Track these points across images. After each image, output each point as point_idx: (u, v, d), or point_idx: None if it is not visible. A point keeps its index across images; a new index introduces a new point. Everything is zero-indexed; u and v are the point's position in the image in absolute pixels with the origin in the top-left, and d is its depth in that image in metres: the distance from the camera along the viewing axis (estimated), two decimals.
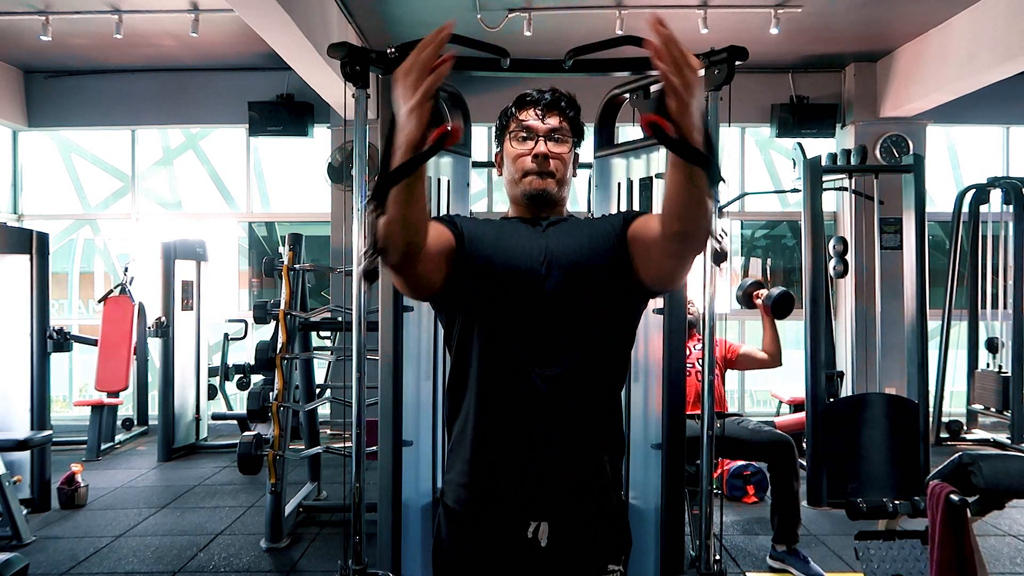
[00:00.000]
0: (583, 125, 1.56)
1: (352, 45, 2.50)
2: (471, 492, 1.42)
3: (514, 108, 1.52)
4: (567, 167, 1.51)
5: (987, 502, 2.13)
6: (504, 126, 1.54)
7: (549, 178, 1.47)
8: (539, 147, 1.47)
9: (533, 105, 1.49)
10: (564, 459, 1.38)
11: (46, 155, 7.32)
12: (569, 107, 1.51)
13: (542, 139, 1.47)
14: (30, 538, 3.84)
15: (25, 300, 4.43)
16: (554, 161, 1.47)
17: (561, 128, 1.49)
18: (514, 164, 1.50)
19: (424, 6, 5.21)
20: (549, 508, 1.38)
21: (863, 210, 5.93)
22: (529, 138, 1.48)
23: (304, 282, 4.59)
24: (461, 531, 1.43)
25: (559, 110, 1.49)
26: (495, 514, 1.40)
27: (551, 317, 1.38)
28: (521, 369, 1.37)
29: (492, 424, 1.39)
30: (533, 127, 1.48)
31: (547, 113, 1.48)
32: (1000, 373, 5.76)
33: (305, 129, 6.55)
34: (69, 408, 7.23)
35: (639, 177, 2.84)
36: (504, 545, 1.39)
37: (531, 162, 1.47)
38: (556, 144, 1.48)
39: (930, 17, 5.44)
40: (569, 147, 1.50)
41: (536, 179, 1.47)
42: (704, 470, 2.68)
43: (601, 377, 1.42)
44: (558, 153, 1.48)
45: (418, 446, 2.74)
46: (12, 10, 5.29)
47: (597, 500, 1.42)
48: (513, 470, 1.38)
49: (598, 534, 1.42)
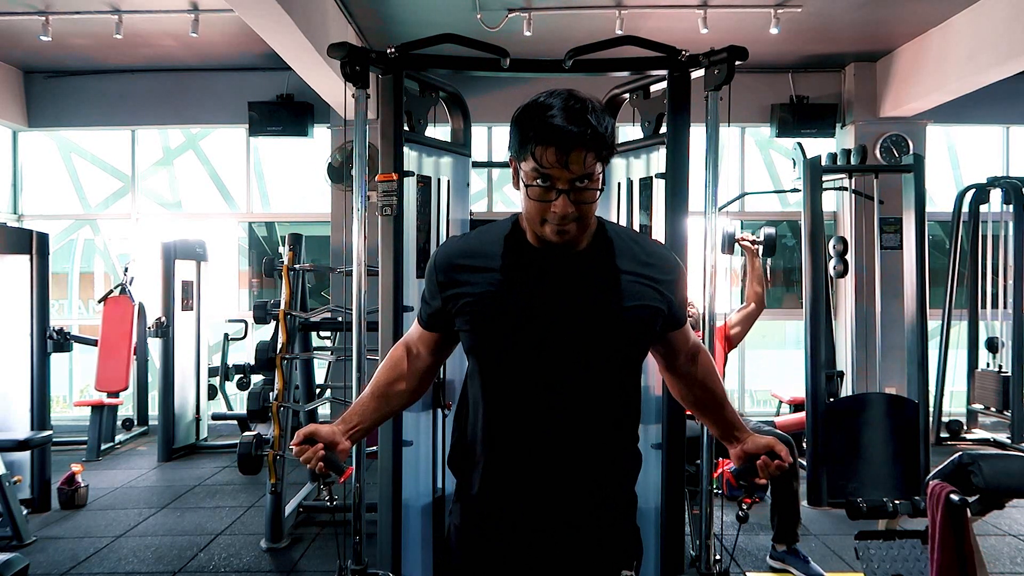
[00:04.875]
0: (615, 142, 1.33)
1: (352, 45, 2.51)
2: (481, 508, 1.42)
3: (534, 136, 1.22)
4: (594, 208, 1.29)
5: (987, 502, 2.13)
6: (520, 145, 1.26)
7: (572, 226, 1.28)
8: (560, 205, 1.24)
9: (556, 146, 1.21)
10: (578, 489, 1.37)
11: (46, 155, 7.32)
12: (601, 146, 1.23)
13: (565, 195, 1.23)
14: (30, 538, 3.83)
15: (25, 300, 4.43)
16: (579, 213, 1.26)
17: (589, 172, 1.23)
18: (530, 206, 1.28)
19: (424, 6, 5.21)
20: (562, 520, 1.38)
21: (863, 210, 5.93)
22: (549, 188, 1.24)
23: (304, 282, 4.59)
24: (472, 542, 1.43)
25: (590, 151, 1.22)
26: (507, 526, 1.40)
27: (562, 364, 1.33)
28: (532, 410, 1.35)
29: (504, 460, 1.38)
30: (554, 176, 1.23)
31: (573, 154, 1.21)
32: (1000, 373, 5.75)
33: (305, 129, 6.55)
34: (69, 408, 7.23)
35: (639, 177, 2.85)
36: (516, 555, 1.39)
37: (551, 217, 1.26)
38: (582, 192, 1.25)
39: (930, 17, 5.44)
40: (598, 188, 1.27)
41: (557, 231, 1.27)
42: (704, 470, 2.68)
43: (614, 412, 1.40)
44: (584, 201, 1.26)
45: (418, 446, 2.74)
46: (12, 10, 5.29)
47: (611, 514, 1.42)
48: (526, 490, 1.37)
49: (611, 544, 1.42)
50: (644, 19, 5.28)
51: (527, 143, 1.24)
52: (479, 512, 1.42)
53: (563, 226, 1.26)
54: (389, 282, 2.61)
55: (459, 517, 1.46)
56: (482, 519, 1.42)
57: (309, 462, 1.37)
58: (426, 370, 1.53)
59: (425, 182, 2.81)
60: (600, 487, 1.39)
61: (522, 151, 1.26)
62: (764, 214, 7.28)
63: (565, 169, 1.22)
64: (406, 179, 2.65)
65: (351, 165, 2.61)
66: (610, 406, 1.38)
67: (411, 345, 1.52)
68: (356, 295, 2.60)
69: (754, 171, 7.34)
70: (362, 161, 2.58)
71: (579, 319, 1.32)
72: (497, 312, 1.33)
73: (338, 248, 6.48)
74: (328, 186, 6.45)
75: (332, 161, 6.28)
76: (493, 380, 1.38)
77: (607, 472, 1.40)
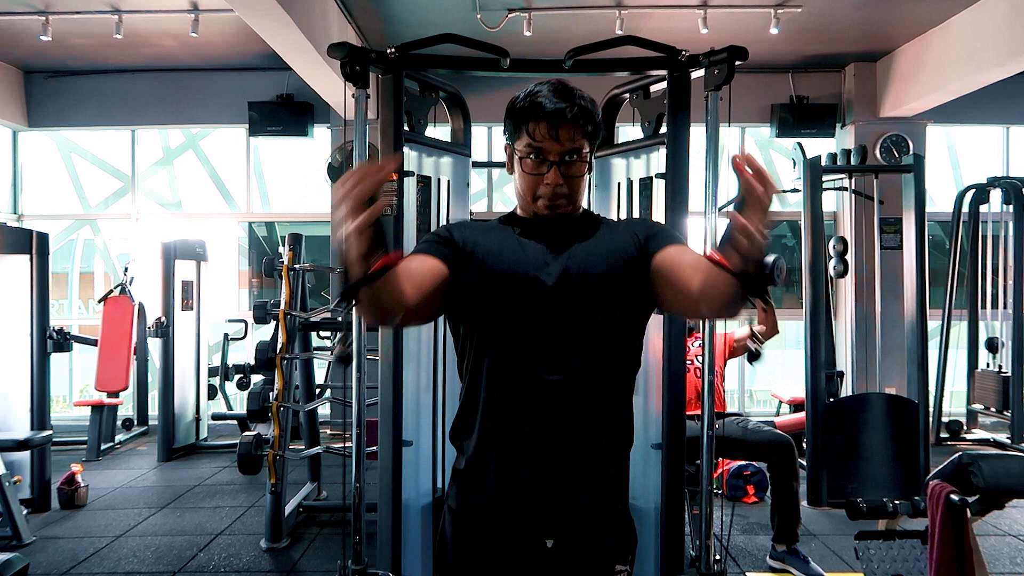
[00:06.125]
0: (601, 124, 1.44)
1: (352, 45, 2.51)
2: (476, 494, 1.41)
3: (527, 115, 1.37)
4: (582, 183, 1.42)
5: (987, 502, 2.12)
6: (514, 128, 1.40)
7: (562, 200, 1.39)
8: (552, 177, 1.37)
9: (547, 120, 1.35)
10: (573, 464, 1.38)
11: (46, 155, 7.32)
12: (587, 121, 1.37)
13: (556, 167, 1.36)
14: (30, 538, 3.83)
15: (25, 300, 4.43)
16: (568, 187, 1.38)
17: (577, 147, 1.37)
18: (523, 181, 1.40)
19: (424, 6, 5.21)
20: (557, 510, 1.38)
21: (863, 210, 5.93)
22: (541, 162, 1.37)
23: (304, 282, 4.59)
24: (467, 533, 1.43)
25: (575, 124, 1.36)
26: (501, 517, 1.40)
27: (558, 325, 1.36)
28: (528, 375, 1.36)
29: (499, 428, 1.38)
30: (545, 149, 1.36)
31: (562, 129, 1.35)
32: (1000, 373, 5.76)
33: (305, 129, 6.55)
34: (69, 408, 7.23)
35: (639, 177, 2.84)
36: (511, 547, 1.39)
37: (543, 190, 1.38)
38: (571, 166, 1.38)
39: (930, 17, 5.44)
40: (586, 164, 1.40)
41: (549, 204, 1.39)
42: (704, 470, 2.68)
43: (610, 382, 1.41)
44: (573, 175, 1.38)
45: (418, 446, 2.74)
46: (12, 10, 5.29)
47: (605, 501, 1.42)
48: (521, 474, 1.37)
49: (605, 534, 1.42)
50: (644, 19, 5.28)
51: (521, 122, 1.37)
52: (472, 480, 1.41)
53: (554, 200, 1.38)
54: None
55: (454, 499, 1.46)
56: (473, 490, 1.41)
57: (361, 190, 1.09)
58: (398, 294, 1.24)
59: (425, 182, 2.81)
60: (594, 455, 1.39)
61: (516, 131, 1.39)
62: None
63: (556, 142, 1.35)
64: (406, 179, 2.65)
65: (351, 165, 2.61)
66: (604, 368, 1.39)
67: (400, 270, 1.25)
68: None
69: None
70: (362, 161, 2.58)
71: (571, 277, 1.37)
72: (494, 272, 1.38)
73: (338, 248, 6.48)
74: (328, 186, 6.45)
75: (332, 161, 6.28)
76: (488, 343, 1.39)
77: (599, 439, 1.40)
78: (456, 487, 1.46)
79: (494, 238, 1.43)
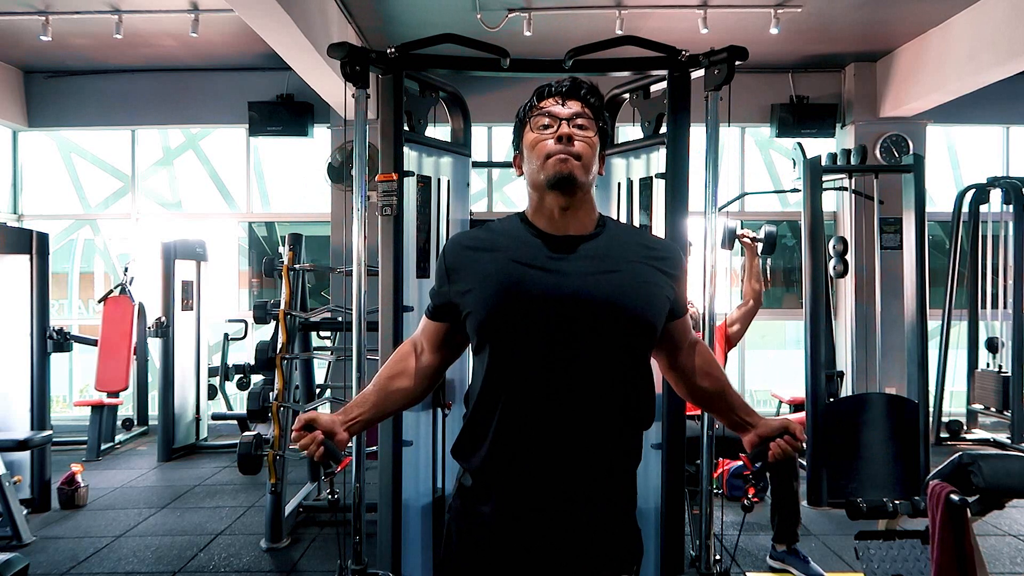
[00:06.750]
0: (607, 115, 1.49)
1: (352, 45, 2.51)
2: (484, 507, 1.41)
3: (534, 99, 1.46)
4: (593, 151, 1.41)
5: (987, 502, 2.12)
6: (523, 121, 1.46)
7: (574, 160, 1.37)
8: (563, 128, 1.39)
9: (553, 95, 1.43)
10: (582, 480, 1.38)
11: (46, 155, 7.32)
12: (591, 94, 1.44)
13: (565, 122, 1.40)
14: (30, 538, 3.83)
15: (25, 300, 4.43)
16: (579, 143, 1.38)
17: (584, 113, 1.41)
18: (535, 150, 1.41)
19: (424, 6, 5.21)
20: (565, 523, 1.38)
21: (863, 210, 5.93)
22: (551, 125, 1.40)
23: (304, 282, 4.59)
24: (473, 546, 1.43)
25: (580, 97, 1.42)
26: (509, 529, 1.39)
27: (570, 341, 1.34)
28: (540, 398, 1.35)
29: (510, 448, 1.38)
30: (555, 112, 1.41)
31: (568, 99, 1.42)
32: (1000, 373, 5.76)
33: (305, 129, 6.55)
34: (69, 408, 7.22)
35: (639, 177, 2.85)
36: (516, 555, 1.39)
37: (554, 144, 1.38)
38: (580, 129, 1.40)
39: (930, 17, 5.44)
40: (594, 132, 1.42)
41: (560, 162, 1.37)
42: (704, 470, 2.68)
43: (622, 396, 1.40)
44: (583, 136, 1.40)
45: (418, 446, 2.74)
46: (12, 10, 5.29)
47: (612, 514, 1.42)
48: (530, 491, 1.37)
49: (612, 546, 1.42)
50: (644, 19, 5.28)
51: (532, 104, 1.45)
52: (478, 493, 1.42)
53: (567, 149, 1.38)
54: (389, 282, 2.61)
55: (457, 511, 1.46)
56: (480, 503, 1.41)
57: (307, 448, 1.38)
58: (429, 369, 1.53)
59: (425, 182, 2.81)
60: (603, 472, 1.39)
61: (526, 116, 1.46)
62: (764, 214, 7.28)
63: (563, 107, 1.42)
64: (406, 179, 2.65)
65: (351, 165, 2.61)
66: (618, 390, 1.38)
67: (417, 342, 1.54)
68: (356, 295, 2.60)
69: (754, 171, 7.34)
70: (362, 161, 2.58)
71: (590, 298, 1.35)
72: (506, 290, 1.36)
73: (338, 248, 6.48)
74: (328, 186, 6.45)
75: (332, 161, 6.28)
76: (500, 361, 1.37)
77: (610, 456, 1.40)
78: (461, 501, 1.46)
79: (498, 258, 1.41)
